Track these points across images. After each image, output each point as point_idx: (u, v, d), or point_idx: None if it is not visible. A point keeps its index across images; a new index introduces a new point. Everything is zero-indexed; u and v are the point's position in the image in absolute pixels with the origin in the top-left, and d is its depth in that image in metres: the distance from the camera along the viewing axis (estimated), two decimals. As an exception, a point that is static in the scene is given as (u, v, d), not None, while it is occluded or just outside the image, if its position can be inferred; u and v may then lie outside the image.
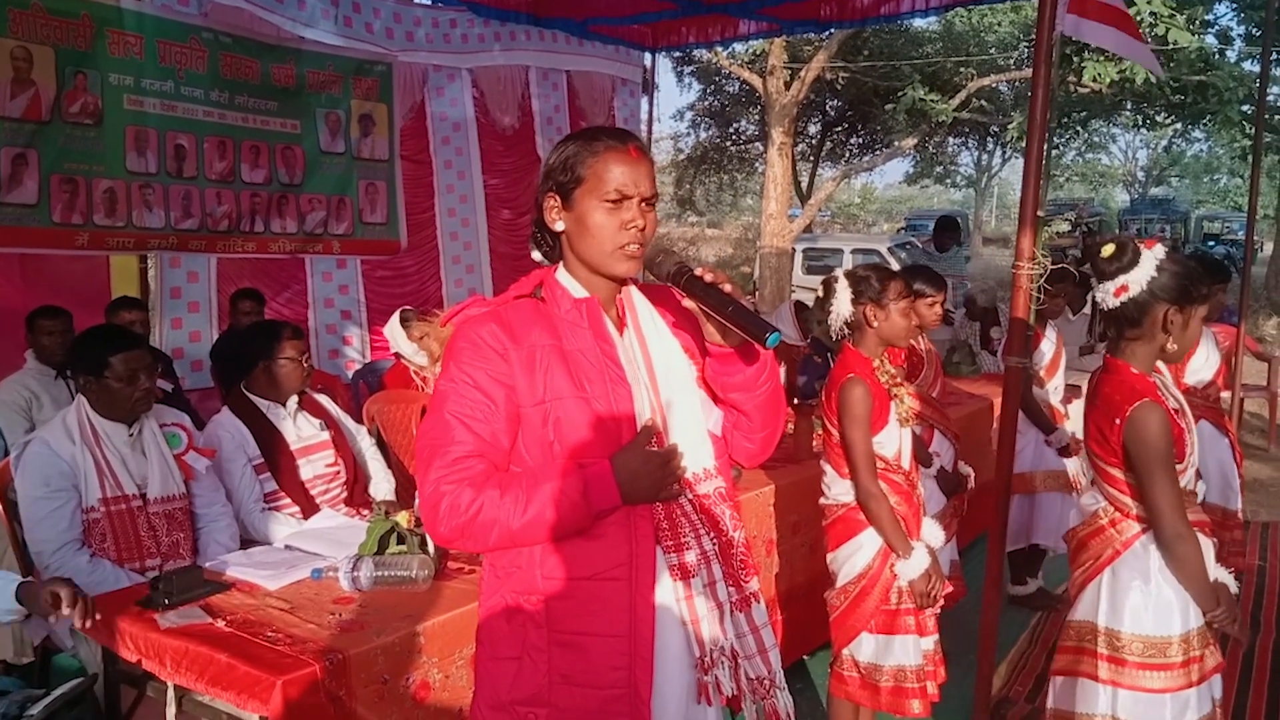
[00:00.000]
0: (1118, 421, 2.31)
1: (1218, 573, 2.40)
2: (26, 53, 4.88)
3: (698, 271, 1.64)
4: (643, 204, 1.67)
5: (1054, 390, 4.55)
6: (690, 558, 1.67)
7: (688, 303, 1.67)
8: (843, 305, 2.89)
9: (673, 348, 1.75)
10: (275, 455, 3.41)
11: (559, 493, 1.57)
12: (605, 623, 1.64)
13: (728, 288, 1.61)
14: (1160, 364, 2.45)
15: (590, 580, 1.64)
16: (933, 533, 2.91)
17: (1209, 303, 2.43)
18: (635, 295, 1.77)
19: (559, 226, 1.71)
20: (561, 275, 1.74)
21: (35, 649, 3.09)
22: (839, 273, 2.97)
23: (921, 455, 3.38)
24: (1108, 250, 2.37)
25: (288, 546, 2.95)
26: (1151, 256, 2.33)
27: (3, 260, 5.00)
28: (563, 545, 1.63)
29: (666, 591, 1.66)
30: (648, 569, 1.65)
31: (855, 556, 2.83)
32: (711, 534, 1.71)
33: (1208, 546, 2.38)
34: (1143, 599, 2.37)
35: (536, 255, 1.81)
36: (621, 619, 1.64)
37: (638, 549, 1.64)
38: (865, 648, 2.84)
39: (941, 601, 2.85)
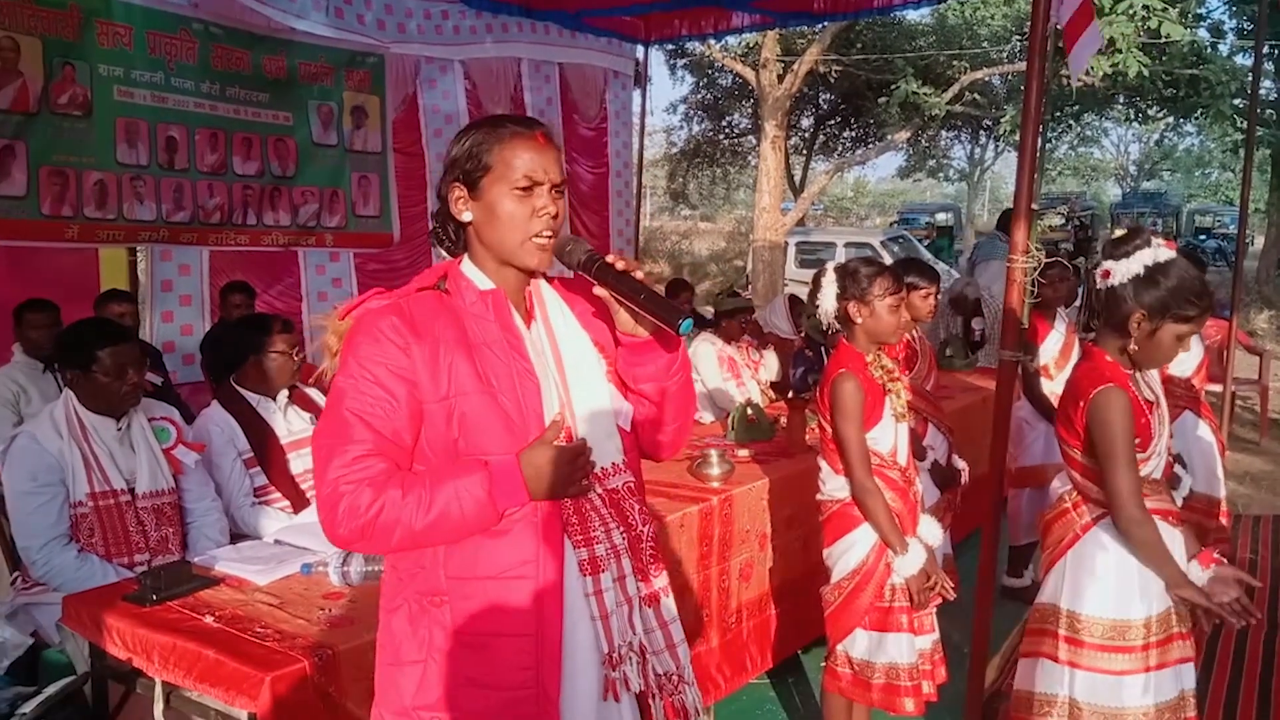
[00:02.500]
0: (1081, 404, 2.33)
1: (1194, 572, 2.39)
2: (14, 43, 4.84)
3: (609, 259, 1.60)
4: (553, 191, 1.63)
5: (1061, 384, 4.52)
6: (600, 551, 1.64)
7: (599, 291, 1.62)
8: (828, 301, 2.87)
9: (582, 341, 1.73)
10: (265, 449, 3.39)
11: (463, 492, 1.53)
12: (512, 623, 1.60)
13: (640, 274, 1.58)
14: None
15: (496, 579, 1.60)
16: (930, 530, 2.90)
17: (1193, 326, 2.29)
18: (544, 288, 1.74)
19: (466, 217, 1.66)
20: (467, 267, 1.69)
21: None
22: (828, 267, 2.95)
23: (915, 449, 3.37)
24: (1119, 232, 2.39)
25: (277, 541, 2.93)
26: (1150, 255, 2.31)
27: (-10, 253, 4.96)
28: (467, 544, 1.59)
29: (575, 587, 1.63)
30: (555, 565, 1.61)
31: (850, 552, 2.82)
32: (620, 528, 1.68)
33: (1175, 536, 2.39)
34: (1102, 582, 2.39)
35: (439, 251, 1.75)
36: (528, 618, 1.60)
37: (545, 545, 1.61)
38: (859, 644, 2.83)
39: (939, 600, 2.85)
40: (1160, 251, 2.32)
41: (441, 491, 1.53)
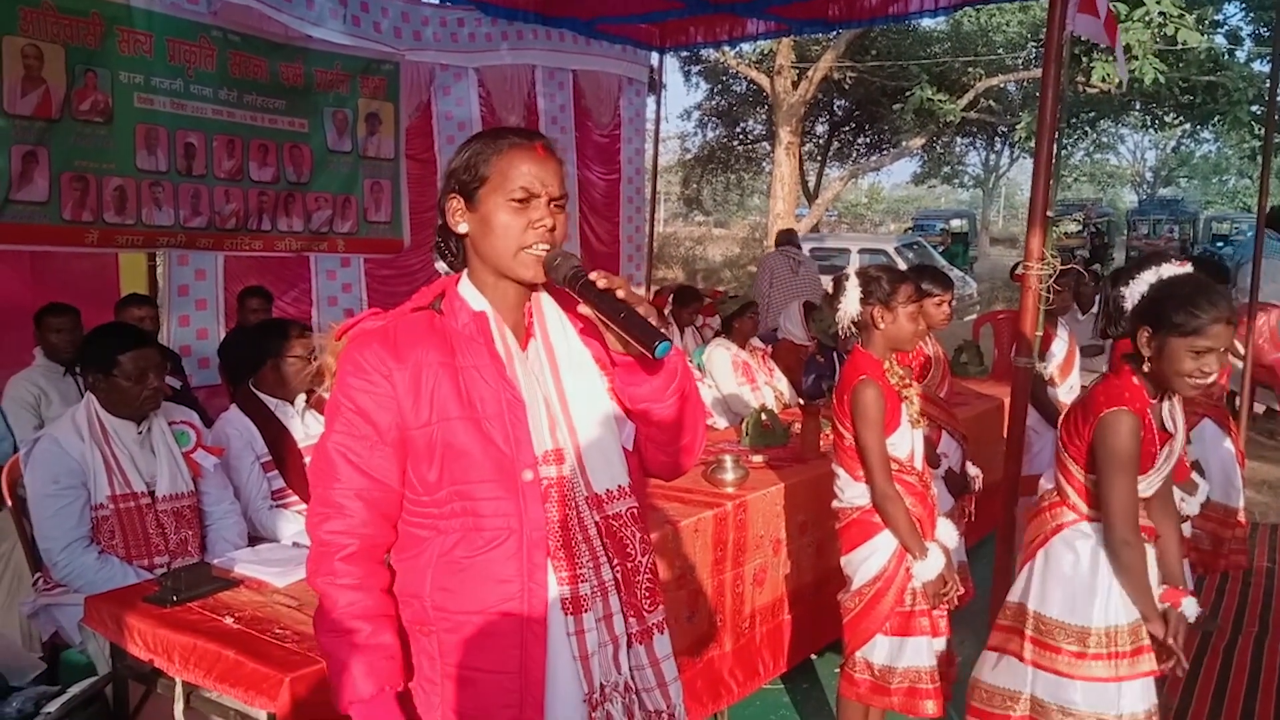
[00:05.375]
0: (1091, 421, 2.35)
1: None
2: (37, 51, 4.90)
3: (592, 276, 1.53)
4: (552, 204, 1.58)
5: (1068, 390, 4.52)
6: (585, 590, 1.59)
7: (584, 309, 1.56)
8: (851, 305, 2.87)
9: (584, 358, 1.66)
10: (283, 453, 3.42)
11: (344, 674, 1.56)
12: (496, 659, 1.57)
13: (621, 293, 1.51)
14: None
15: (480, 614, 1.56)
16: (948, 532, 2.90)
17: (1204, 340, 2.19)
18: (546, 302, 1.67)
19: (462, 228, 1.61)
20: (463, 286, 1.64)
21: (44, 644, 3.10)
22: (850, 271, 2.95)
23: (930, 456, 3.38)
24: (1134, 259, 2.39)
25: (295, 544, 2.96)
26: (1154, 273, 2.31)
27: (13, 257, 5.02)
28: (451, 578, 1.57)
29: (558, 626, 1.58)
30: (540, 604, 1.57)
31: (870, 560, 2.81)
32: (615, 560, 1.61)
33: (1148, 552, 2.40)
34: (1068, 587, 2.41)
35: (441, 266, 1.71)
36: (512, 656, 1.56)
37: (530, 581, 1.56)
38: (879, 650, 2.82)
39: (955, 602, 2.85)
40: (1166, 269, 2.31)
41: (340, 655, 1.56)
